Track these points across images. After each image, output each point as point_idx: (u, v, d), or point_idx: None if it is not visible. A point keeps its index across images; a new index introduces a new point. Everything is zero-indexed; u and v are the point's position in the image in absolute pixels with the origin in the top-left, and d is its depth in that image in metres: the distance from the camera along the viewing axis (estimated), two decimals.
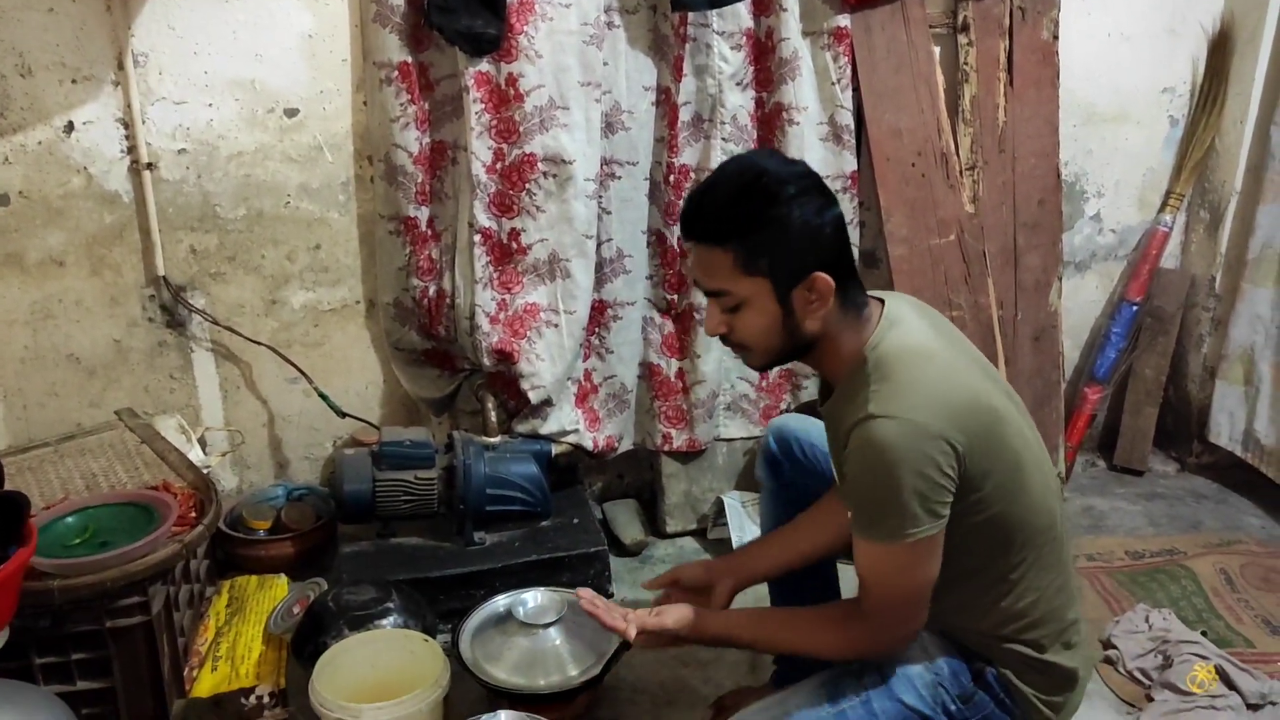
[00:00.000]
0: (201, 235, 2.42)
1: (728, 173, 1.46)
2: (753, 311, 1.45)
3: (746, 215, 1.40)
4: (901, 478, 1.36)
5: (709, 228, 1.43)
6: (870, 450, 1.37)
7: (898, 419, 1.37)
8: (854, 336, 1.48)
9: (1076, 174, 2.93)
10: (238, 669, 2.07)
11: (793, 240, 1.40)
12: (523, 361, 2.48)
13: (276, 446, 2.65)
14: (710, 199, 1.44)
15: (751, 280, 1.43)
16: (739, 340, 1.51)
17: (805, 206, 1.40)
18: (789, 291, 1.43)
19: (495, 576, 2.30)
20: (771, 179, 1.41)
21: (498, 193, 2.41)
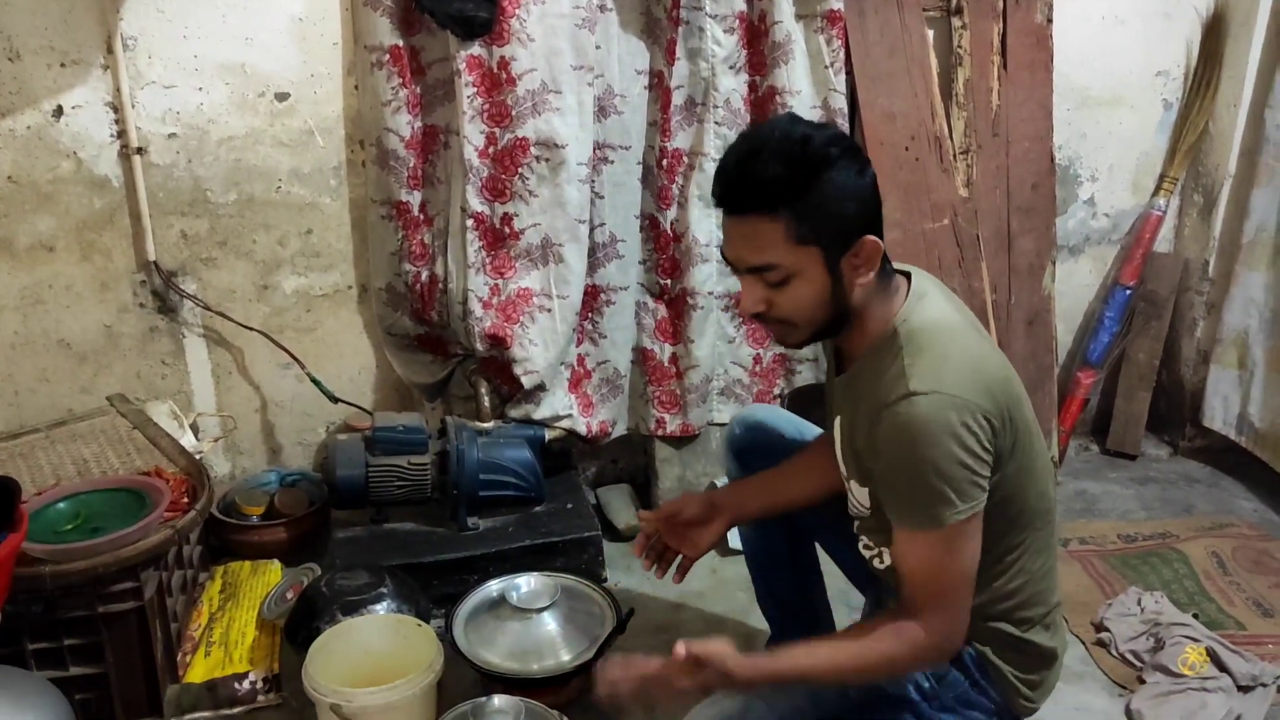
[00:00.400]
0: (192, 220, 2.41)
1: (769, 139, 1.36)
2: (802, 282, 1.38)
3: (798, 181, 1.33)
4: (948, 454, 1.33)
5: (757, 197, 1.35)
6: (914, 428, 1.33)
7: (940, 394, 1.34)
8: (883, 308, 1.45)
9: (1070, 158, 2.93)
10: (231, 654, 2.07)
11: (843, 204, 1.36)
12: (515, 347, 2.48)
13: (269, 432, 2.64)
14: (755, 167, 1.34)
15: (804, 250, 1.36)
16: (782, 316, 1.43)
17: (850, 169, 1.36)
18: (839, 258, 1.38)
19: (489, 561, 2.30)
20: (817, 143, 1.34)
21: (490, 177, 2.40)
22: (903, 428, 1.35)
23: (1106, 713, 2.01)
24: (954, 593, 1.42)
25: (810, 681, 1.49)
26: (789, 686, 1.50)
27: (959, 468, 1.34)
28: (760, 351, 2.75)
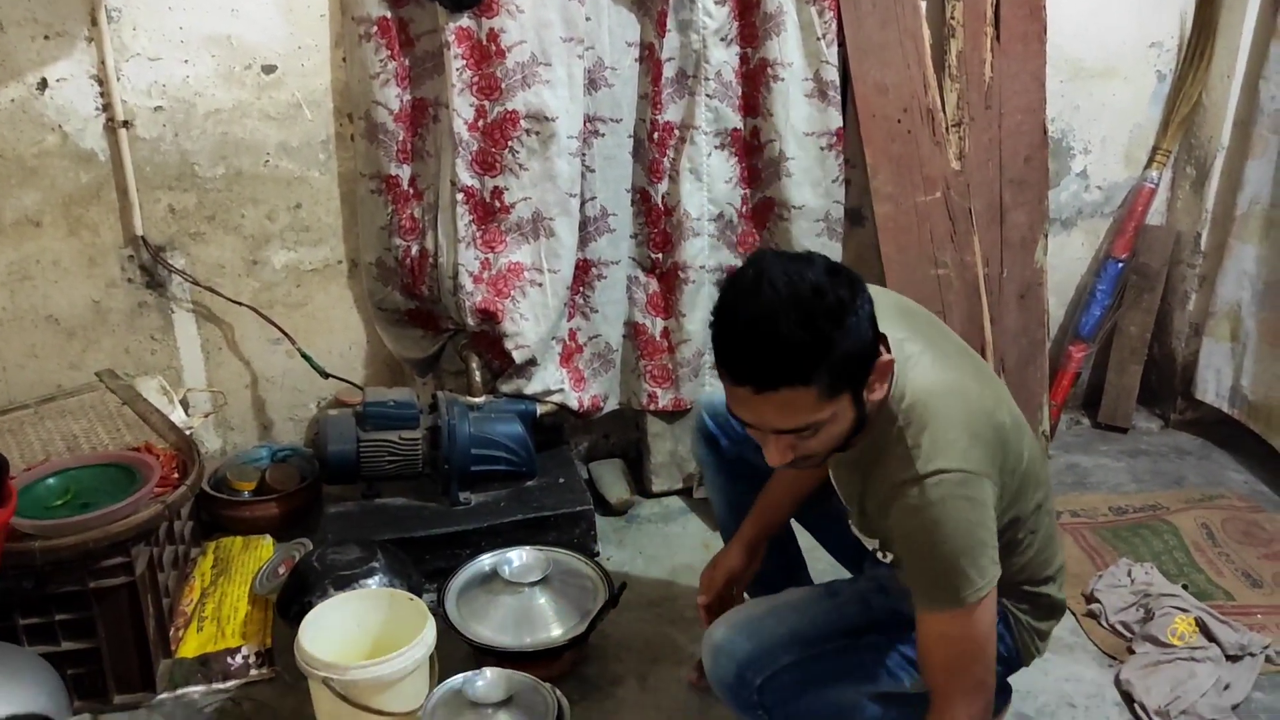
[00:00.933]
0: (180, 194, 2.39)
1: (778, 304, 1.27)
2: (832, 425, 1.35)
3: (826, 341, 1.27)
4: (966, 536, 1.35)
5: (786, 372, 1.28)
6: (921, 519, 1.35)
7: (949, 473, 1.35)
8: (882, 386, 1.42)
9: (1063, 130, 2.92)
10: (223, 629, 2.07)
11: (863, 340, 1.32)
12: (506, 321, 2.47)
13: (260, 408, 2.63)
14: (777, 340, 1.26)
15: (835, 402, 1.32)
16: (807, 454, 1.40)
17: (853, 304, 1.30)
18: (862, 389, 1.36)
19: (481, 536, 2.30)
20: (829, 292, 1.27)
21: (480, 150, 2.39)
22: (918, 514, 1.35)
23: (1096, 683, 2.02)
24: (981, 668, 1.44)
25: None
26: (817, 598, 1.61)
27: (977, 546, 1.36)
28: None
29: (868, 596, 1.60)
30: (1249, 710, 1.94)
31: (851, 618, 1.57)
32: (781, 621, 1.55)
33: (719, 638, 1.56)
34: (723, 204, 2.62)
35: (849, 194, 2.71)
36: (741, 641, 1.52)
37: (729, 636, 1.54)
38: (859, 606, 1.58)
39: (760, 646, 1.52)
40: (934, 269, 2.72)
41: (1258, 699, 1.96)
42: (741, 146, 2.60)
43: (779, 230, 2.65)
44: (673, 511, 2.69)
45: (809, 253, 1.37)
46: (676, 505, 2.72)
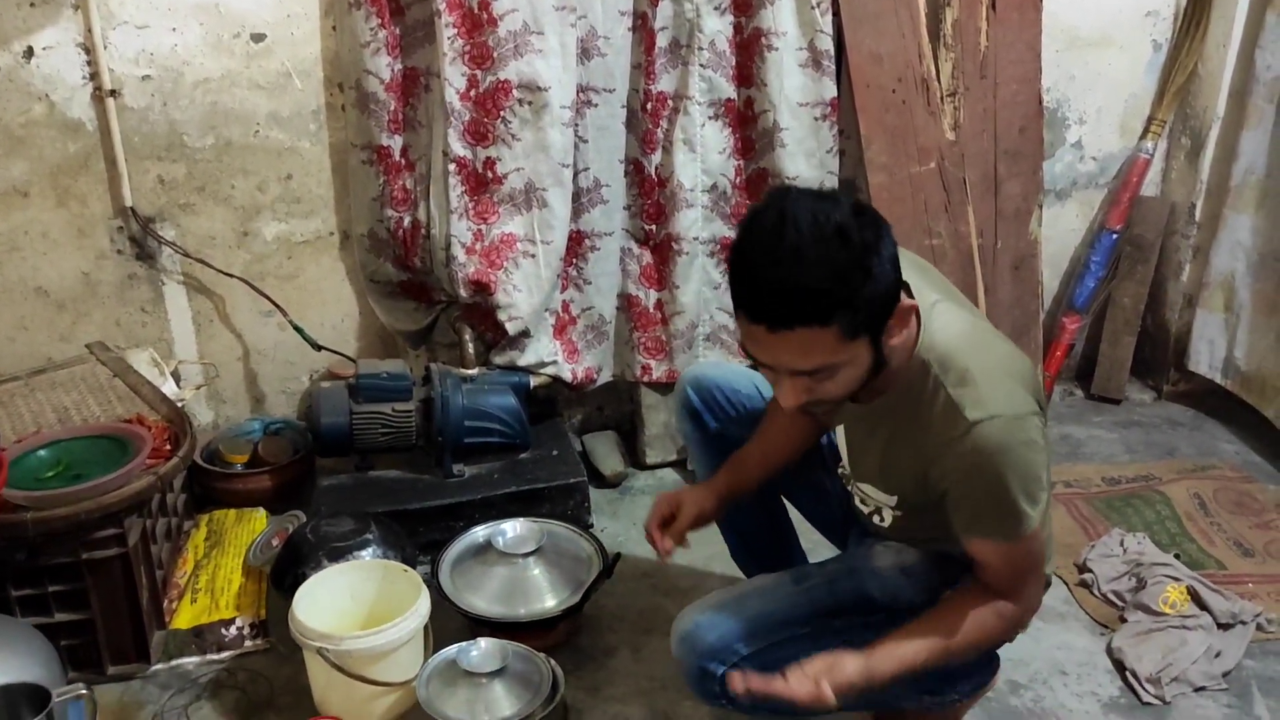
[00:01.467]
0: (169, 165, 2.36)
1: (803, 243, 1.24)
2: (850, 369, 1.33)
3: (850, 283, 1.24)
4: (1021, 476, 1.36)
5: (806, 312, 1.25)
6: (984, 462, 1.35)
7: (1001, 417, 1.35)
8: (900, 338, 1.39)
9: (1058, 100, 2.90)
10: (217, 601, 2.07)
11: (887, 283, 1.29)
12: (499, 293, 2.46)
13: (252, 380, 2.62)
14: (799, 279, 1.24)
15: (854, 345, 1.29)
16: (822, 398, 1.37)
17: (878, 246, 1.27)
18: (882, 334, 1.33)
19: (474, 508, 2.30)
20: (855, 233, 1.24)
21: (472, 121, 2.37)
22: (981, 456, 1.35)
23: (1088, 651, 2.03)
24: (1037, 575, 1.50)
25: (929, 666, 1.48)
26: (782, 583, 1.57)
27: (1037, 482, 1.38)
28: None
29: (835, 580, 1.57)
30: (1239, 677, 1.95)
31: (816, 603, 1.54)
32: (744, 611, 1.52)
33: (682, 629, 1.53)
34: (716, 175, 2.60)
35: (843, 165, 2.70)
36: (703, 634, 1.50)
37: (690, 629, 1.51)
38: (824, 591, 1.55)
39: (721, 638, 1.49)
40: (928, 240, 2.71)
41: (1248, 666, 1.98)
42: (735, 117, 2.58)
43: None
44: (666, 484, 2.69)
45: (834, 191, 1.35)
46: (670, 477, 2.72)
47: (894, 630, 1.48)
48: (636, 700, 1.90)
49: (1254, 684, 1.94)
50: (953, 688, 1.64)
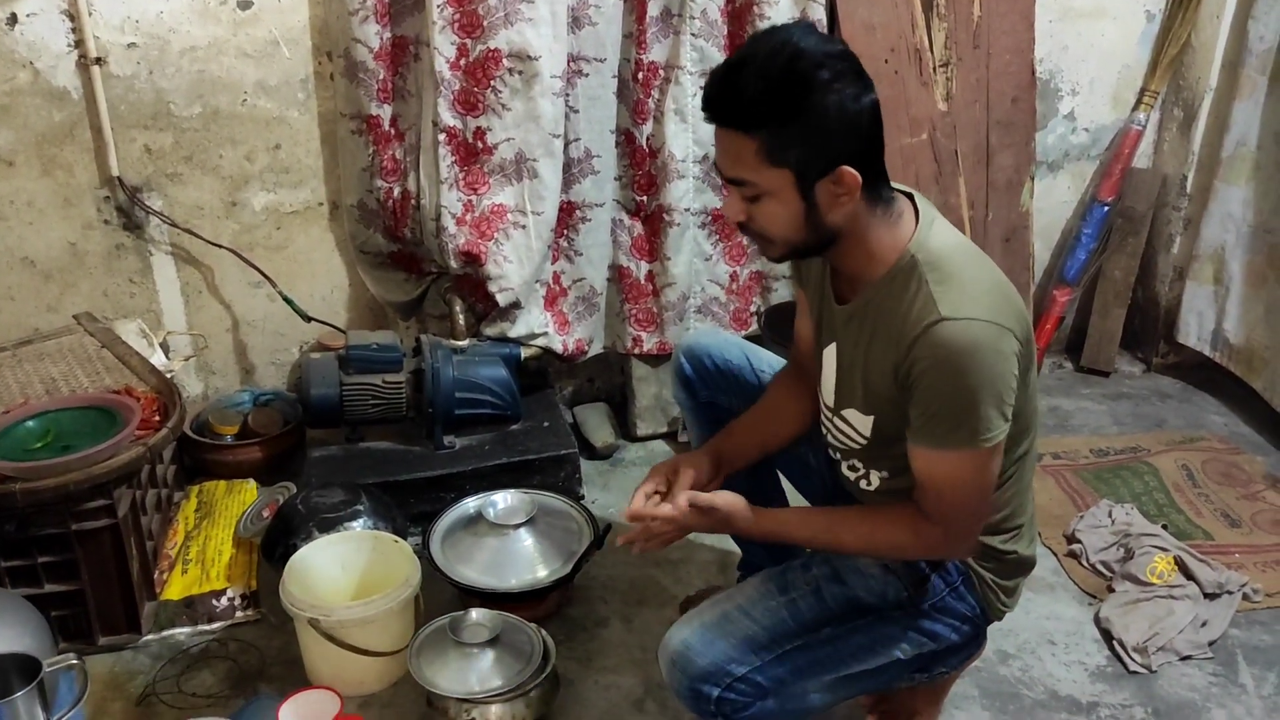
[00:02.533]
0: (156, 134, 2.34)
1: (760, 51, 1.29)
2: (774, 202, 1.34)
3: (778, 103, 1.27)
4: (986, 381, 1.33)
5: (735, 113, 1.30)
6: (952, 355, 1.32)
7: (976, 320, 1.32)
8: (889, 233, 1.40)
9: (1051, 71, 2.89)
10: (208, 572, 2.07)
11: (825, 132, 1.28)
12: (490, 264, 2.44)
13: (241, 352, 2.61)
14: (739, 81, 1.29)
15: (776, 171, 1.31)
16: (758, 230, 1.40)
17: (841, 93, 1.27)
18: (813, 185, 1.32)
19: (465, 480, 2.30)
20: (808, 62, 1.26)
21: (462, 90, 2.35)
22: (939, 355, 1.33)
23: (1076, 620, 2.05)
24: (979, 506, 1.45)
25: (813, 546, 1.53)
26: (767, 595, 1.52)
27: (995, 395, 1.34)
28: (737, 269, 2.73)
29: (821, 587, 1.54)
30: (1225, 646, 1.97)
31: (805, 613, 1.52)
32: (732, 629, 1.49)
33: (671, 650, 1.50)
34: (708, 146, 2.58)
35: None
36: (694, 658, 1.47)
37: (681, 651, 1.48)
38: (812, 600, 1.53)
39: (713, 661, 1.46)
40: None
41: (1234, 635, 1.99)
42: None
43: None
44: (657, 455, 2.70)
45: (842, 41, 1.34)
46: (661, 449, 2.73)
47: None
48: (628, 670, 1.91)
49: (1239, 653, 1.95)
50: (942, 663, 1.65)
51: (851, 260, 1.43)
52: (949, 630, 1.57)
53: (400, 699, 1.82)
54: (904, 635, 1.54)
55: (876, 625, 1.53)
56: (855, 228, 1.38)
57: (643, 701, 1.84)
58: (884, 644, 1.54)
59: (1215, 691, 1.86)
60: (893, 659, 1.55)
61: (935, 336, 1.32)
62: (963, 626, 1.58)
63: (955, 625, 1.57)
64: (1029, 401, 1.48)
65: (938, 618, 1.55)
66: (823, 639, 1.52)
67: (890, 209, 1.41)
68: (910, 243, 1.39)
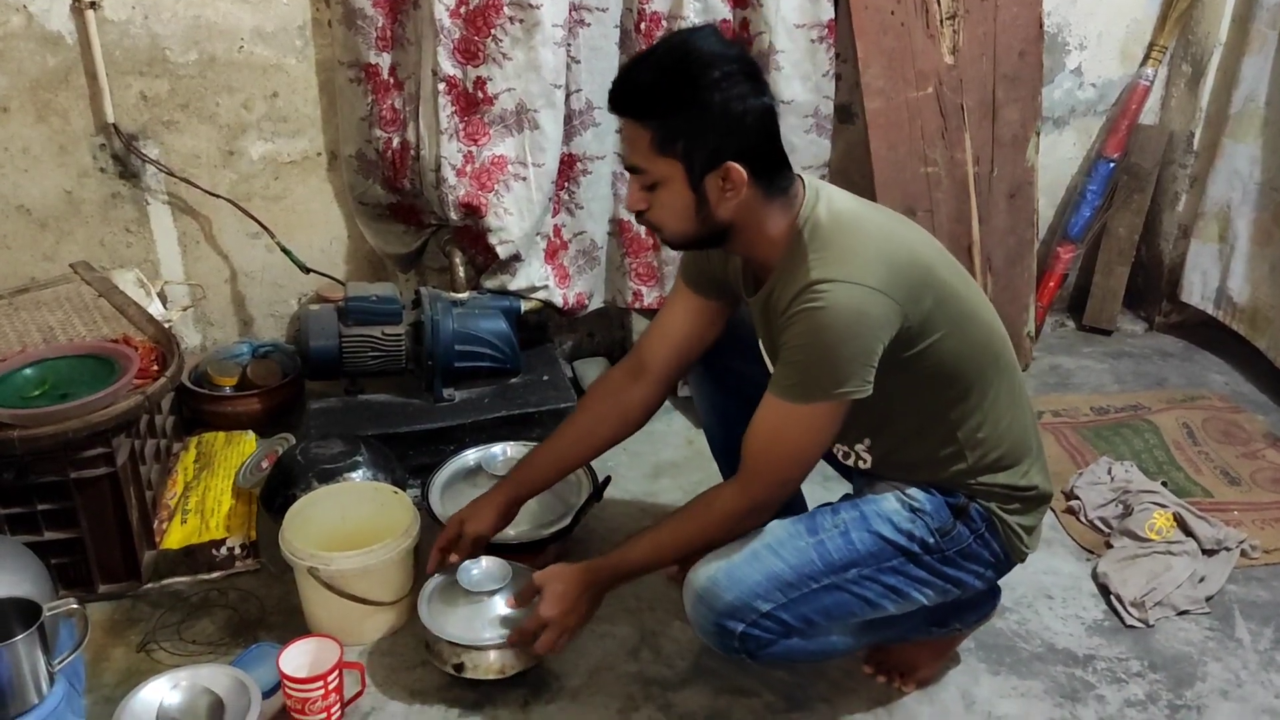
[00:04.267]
0: (151, 80, 2.31)
1: (658, 49, 1.44)
2: (667, 193, 1.43)
3: (666, 95, 1.38)
4: (846, 339, 1.38)
5: (630, 102, 1.42)
6: (816, 315, 1.37)
7: (843, 283, 1.37)
8: (782, 217, 1.47)
9: (1059, 24, 2.85)
10: (208, 522, 2.07)
11: (709, 127, 1.38)
12: (490, 215, 2.42)
13: (240, 303, 2.60)
14: (635, 74, 1.43)
15: (666, 161, 1.40)
16: (654, 219, 1.48)
17: (728, 92, 1.37)
18: (702, 178, 1.41)
19: (465, 432, 2.29)
20: (696, 61, 1.37)
21: (462, 38, 2.31)
22: (806, 315, 1.38)
23: (1074, 575, 2.05)
24: (794, 466, 1.50)
25: (660, 565, 1.64)
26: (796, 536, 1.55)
27: (853, 354, 1.38)
28: None
29: (849, 529, 1.55)
30: (1222, 601, 1.97)
31: (831, 555, 1.53)
32: (760, 566, 1.51)
33: (697, 586, 1.53)
34: None
35: (839, 89, 2.65)
36: (720, 592, 1.50)
37: (707, 586, 1.51)
38: (840, 541, 1.54)
39: (739, 596, 1.49)
40: (924, 167, 2.68)
41: (1231, 590, 2.00)
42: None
43: None
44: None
45: (738, 41, 1.40)
46: None
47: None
48: (625, 620, 1.92)
49: (1236, 608, 1.96)
50: (959, 617, 1.70)
51: (752, 250, 1.51)
52: (973, 577, 1.60)
53: (400, 647, 1.82)
54: (930, 581, 1.57)
55: (903, 569, 1.55)
56: (751, 220, 1.46)
57: (638, 650, 1.85)
58: (910, 588, 1.56)
59: (1211, 646, 1.87)
60: (917, 605, 1.58)
61: (802, 300, 1.38)
62: (986, 572, 1.61)
63: (979, 571, 1.60)
64: (966, 344, 1.49)
65: (963, 564, 1.58)
66: (849, 580, 1.54)
67: (786, 198, 1.47)
68: (798, 220, 1.46)
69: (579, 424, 1.82)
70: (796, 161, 2.58)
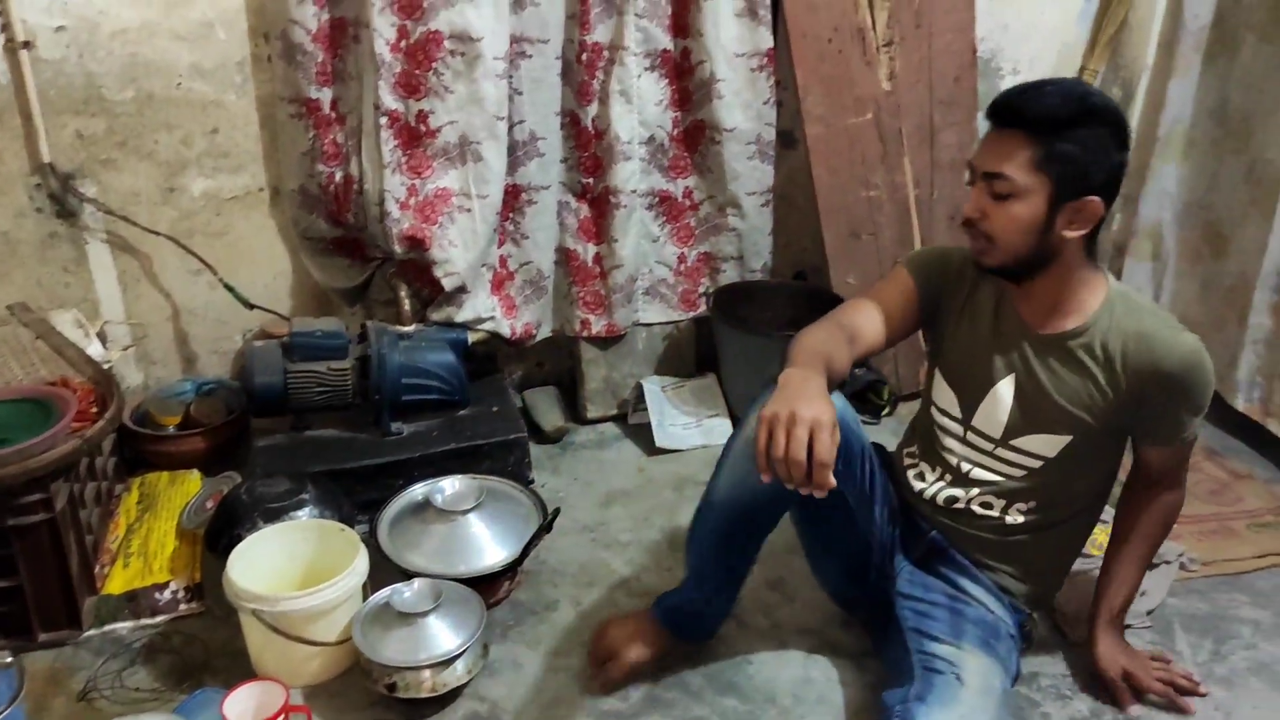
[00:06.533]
0: (88, 119, 2.29)
1: (1061, 80, 1.55)
2: (1022, 206, 1.50)
3: (1066, 118, 1.46)
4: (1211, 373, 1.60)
5: (1025, 115, 1.48)
6: (1200, 362, 1.56)
7: (1190, 336, 1.57)
8: (1092, 272, 1.60)
9: (993, 50, 2.91)
10: (151, 565, 2.04)
11: (1091, 160, 1.47)
12: (435, 248, 2.42)
13: (183, 340, 2.57)
14: (1037, 93, 1.49)
15: (1038, 177, 1.48)
16: (989, 230, 1.54)
17: (1112, 139, 1.48)
18: (1061, 203, 1.49)
19: (414, 466, 2.28)
20: (1100, 102, 1.49)
21: (403, 73, 2.32)
22: (1197, 363, 1.56)
23: None
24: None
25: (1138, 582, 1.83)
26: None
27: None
28: (685, 250, 2.73)
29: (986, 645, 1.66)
30: (1163, 615, 2.01)
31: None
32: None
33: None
34: (653, 127, 2.58)
35: (780, 116, 2.69)
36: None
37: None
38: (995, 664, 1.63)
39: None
40: (865, 191, 2.72)
41: (1171, 604, 2.04)
42: (672, 68, 2.56)
43: (711, 153, 2.63)
44: (607, 438, 2.70)
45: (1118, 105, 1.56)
46: (611, 431, 2.73)
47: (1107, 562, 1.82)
48: (579, 653, 1.91)
49: (1176, 621, 2.00)
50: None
51: (1063, 290, 1.60)
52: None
53: (349, 689, 1.80)
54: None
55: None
56: (1072, 260, 1.56)
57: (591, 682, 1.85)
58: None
59: None
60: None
61: (1184, 353, 1.55)
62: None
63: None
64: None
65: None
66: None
67: (1095, 262, 1.61)
68: (1110, 285, 1.62)
69: (829, 345, 1.61)
70: (740, 188, 2.65)
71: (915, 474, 1.80)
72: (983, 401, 1.69)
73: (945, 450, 1.75)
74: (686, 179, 2.67)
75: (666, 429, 2.64)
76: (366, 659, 1.72)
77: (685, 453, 2.60)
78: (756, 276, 2.80)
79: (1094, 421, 1.62)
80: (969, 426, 1.71)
